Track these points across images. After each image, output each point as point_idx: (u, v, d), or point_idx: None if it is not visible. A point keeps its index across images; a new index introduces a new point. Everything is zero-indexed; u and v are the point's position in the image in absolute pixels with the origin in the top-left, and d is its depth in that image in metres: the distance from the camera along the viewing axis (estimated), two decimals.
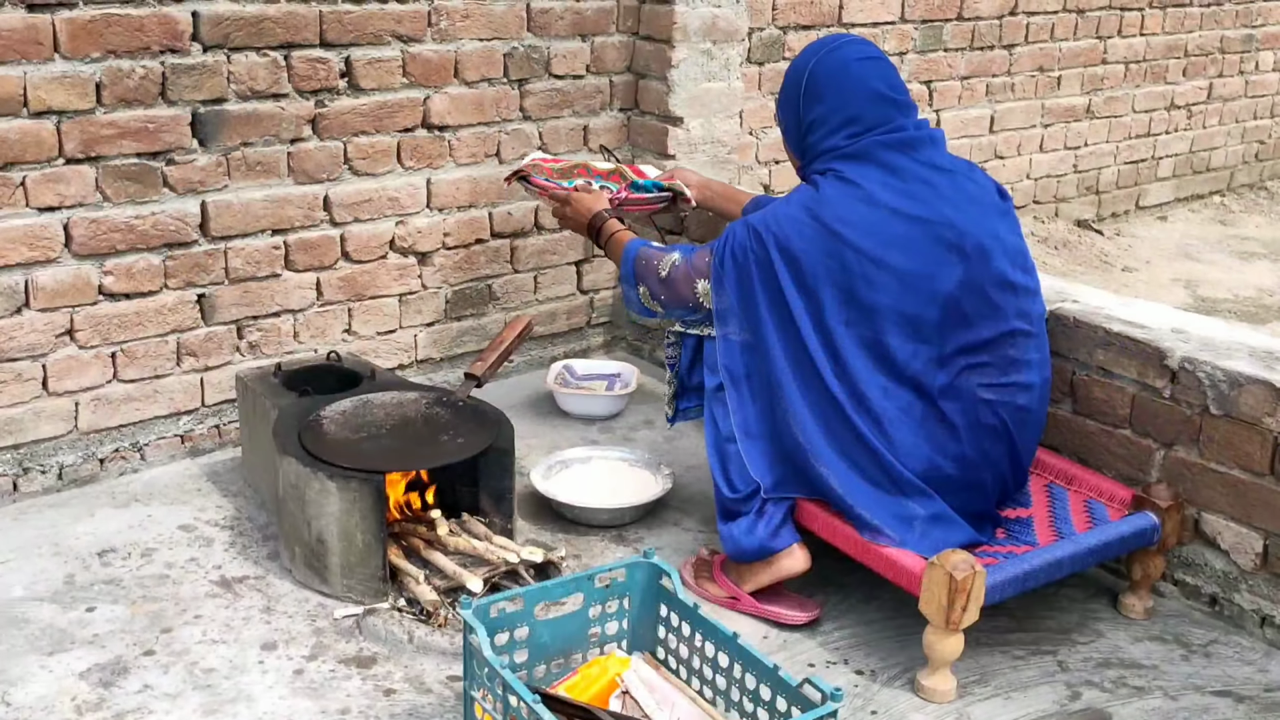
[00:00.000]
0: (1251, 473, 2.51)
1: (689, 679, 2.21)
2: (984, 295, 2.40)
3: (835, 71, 2.51)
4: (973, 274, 2.39)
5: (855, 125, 2.48)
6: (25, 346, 2.85)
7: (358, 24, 3.15)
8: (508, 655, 2.16)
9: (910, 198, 2.41)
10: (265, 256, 3.16)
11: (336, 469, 2.51)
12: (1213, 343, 2.62)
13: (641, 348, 3.94)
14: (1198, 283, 5.40)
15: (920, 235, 2.38)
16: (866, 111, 2.48)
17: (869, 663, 2.43)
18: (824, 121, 2.50)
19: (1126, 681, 2.40)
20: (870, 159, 2.45)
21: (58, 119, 2.77)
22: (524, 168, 3.18)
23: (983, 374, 2.42)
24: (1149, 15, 5.70)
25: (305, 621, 2.49)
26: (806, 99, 2.53)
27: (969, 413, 2.41)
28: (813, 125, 2.52)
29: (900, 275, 2.36)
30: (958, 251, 2.39)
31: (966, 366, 2.41)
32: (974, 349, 2.41)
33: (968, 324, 2.40)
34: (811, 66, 2.53)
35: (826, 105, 2.50)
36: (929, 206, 2.41)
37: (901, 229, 2.38)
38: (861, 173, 2.44)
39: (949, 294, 2.37)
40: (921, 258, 2.37)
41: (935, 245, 2.38)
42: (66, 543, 2.75)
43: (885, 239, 2.37)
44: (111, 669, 2.31)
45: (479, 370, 2.89)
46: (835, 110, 2.49)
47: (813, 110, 2.52)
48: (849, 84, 2.50)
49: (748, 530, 2.51)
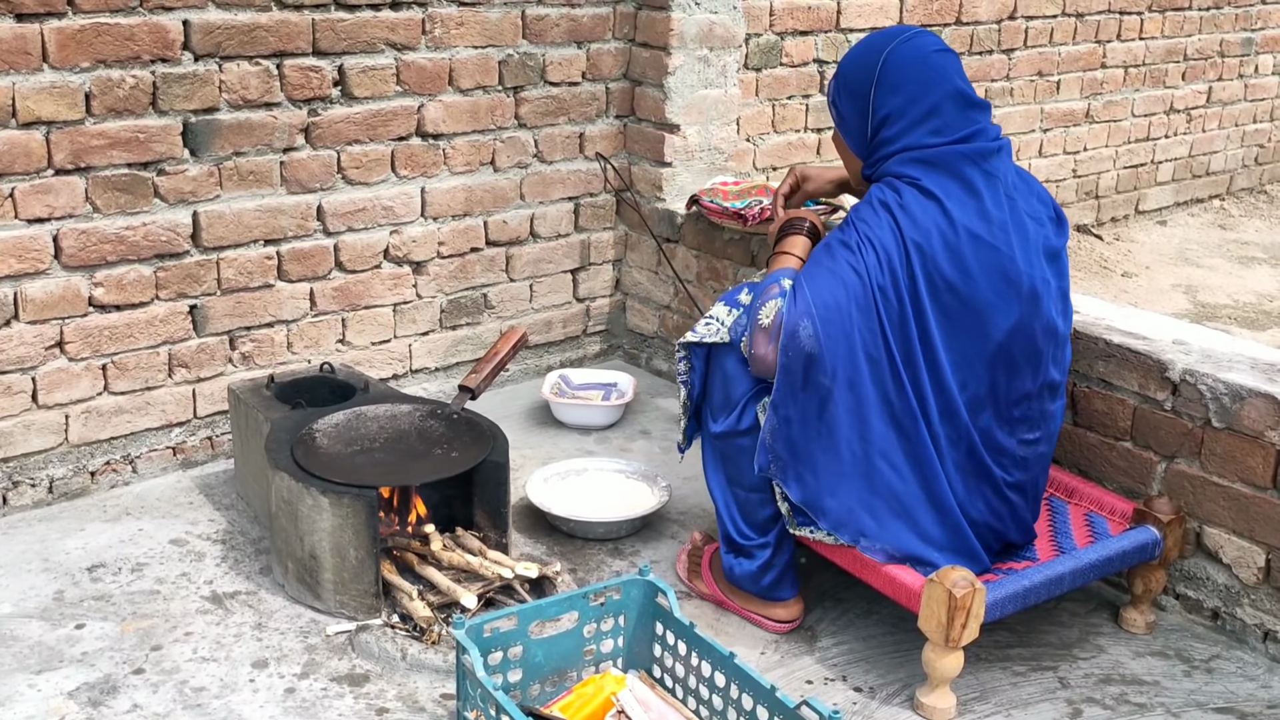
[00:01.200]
0: (1254, 486, 2.48)
1: (685, 698, 2.19)
2: (1032, 342, 2.33)
3: (913, 61, 2.35)
4: (1025, 317, 2.30)
5: (936, 119, 2.33)
6: (14, 359, 2.82)
7: (351, 32, 3.12)
8: (501, 675, 2.13)
9: (986, 222, 2.29)
10: (258, 267, 3.13)
11: (329, 484, 2.48)
12: (1214, 354, 2.60)
13: (638, 356, 3.92)
14: (1197, 288, 5.37)
15: (990, 267, 2.27)
16: (946, 106, 2.34)
17: (868, 679, 2.40)
18: (902, 114, 2.35)
19: (1128, 698, 2.37)
20: (950, 170, 2.31)
21: (47, 129, 2.74)
22: (699, 192, 3.47)
23: (1015, 429, 2.36)
24: (1148, 19, 5.68)
25: (297, 638, 2.46)
26: (881, 89, 2.36)
27: (996, 469, 2.35)
28: (889, 118, 2.36)
29: (967, 304, 2.26)
30: (1016, 291, 2.29)
31: (1004, 420, 2.34)
32: (1014, 401, 2.34)
33: (1013, 371, 2.32)
34: (887, 55, 2.36)
35: (904, 96, 2.34)
36: (1001, 236, 2.29)
37: (975, 256, 2.27)
38: (942, 186, 2.29)
39: (1004, 335, 2.28)
40: (988, 291, 2.27)
41: (1001, 280, 2.28)
42: (56, 558, 2.72)
43: (960, 265, 2.26)
44: (100, 688, 2.29)
45: (473, 383, 2.86)
46: (914, 101, 2.34)
47: (889, 101, 2.36)
48: (929, 75, 2.35)
49: (751, 576, 2.50)
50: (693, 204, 3.55)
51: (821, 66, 4.41)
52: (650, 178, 3.73)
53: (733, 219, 3.36)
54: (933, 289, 2.27)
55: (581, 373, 3.65)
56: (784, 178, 2.81)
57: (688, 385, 2.54)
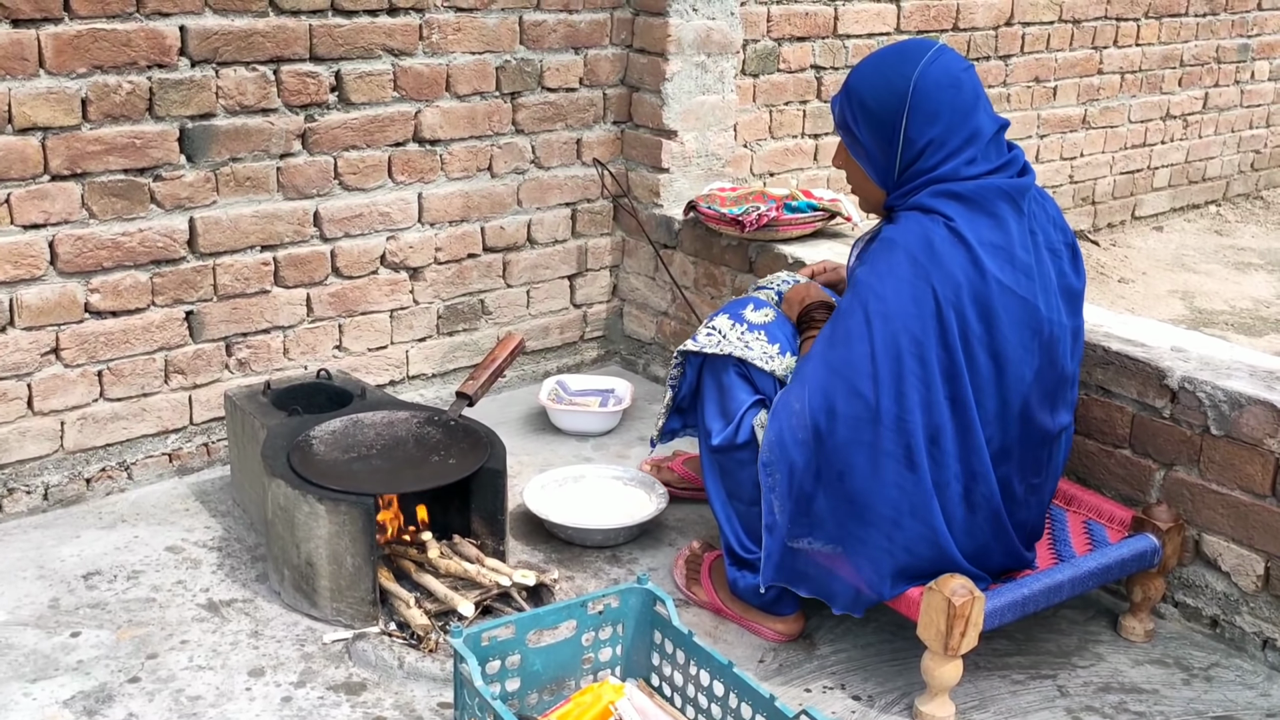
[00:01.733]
0: (1253, 494, 2.48)
1: (684, 707, 2.18)
2: (1048, 387, 2.29)
3: (947, 84, 2.21)
4: (1043, 365, 2.26)
5: (972, 148, 2.21)
6: (10, 365, 2.81)
7: (348, 38, 3.11)
8: (499, 684, 2.12)
9: (1014, 269, 2.19)
10: (254, 273, 3.12)
11: (326, 491, 2.47)
12: (1213, 362, 2.60)
13: (635, 362, 3.91)
14: (1194, 294, 5.37)
15: (1017, 319, 2.20)
16: (983, 134, 2.22)
17: (866, 688, 2.39)
18: (942, 144, 2.21)
19: (1127, 707, 2.37)
20: (985, 208, 2.20)
21: (43, 135, 2.73)
22: (696, 198, 3.48)
23: (1026, 475, 2.33)
24: (1144, 25, 5.68)
25: (294, 646, 2.45)
26: (916, 118, 2.20)
27: (1006, 506, 2.32)
28: (929, 149, 2.22)
29: (995, 357, 2.20)
30: (1038, 339, 2.23)
31: (1023, 467, 2.31)
32: (1034, 446, 2.31)
33: (1031, 419, 2.27)
34: (917, 79, 2.20)
35: (943, 125, 2.20)
36: (1026, 284, 2.21)
37: (1004, 308, 2.18)
38: (973, 226, 2.18)
39: (1028, 386, 2.24)
40: (1016, 344, 2.20)
41: (1027, 330, 2.21)
42: (51, 565, 2.71)
43: (988, 318, 2.18)
44: (96, 697, 2.27)
45: (470, 389, 2.85)
46: (953, 130, 2.21)
47: (927, 132, 2.21)
48: (964, 100, 2.21)
49: (756, 590, 2.47)
50: (690, 210, 3.54)
51: (819, 72, 4.41)
52: (648, 183, 3.72)
53: (730, 225, 3.35)
54: (966, 347, 2.18)
55: (579, 379, 3.65)
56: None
57: (675, 389, 2.57)
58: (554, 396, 3.53)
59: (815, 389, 2.24)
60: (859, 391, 2.19)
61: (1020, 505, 2.36)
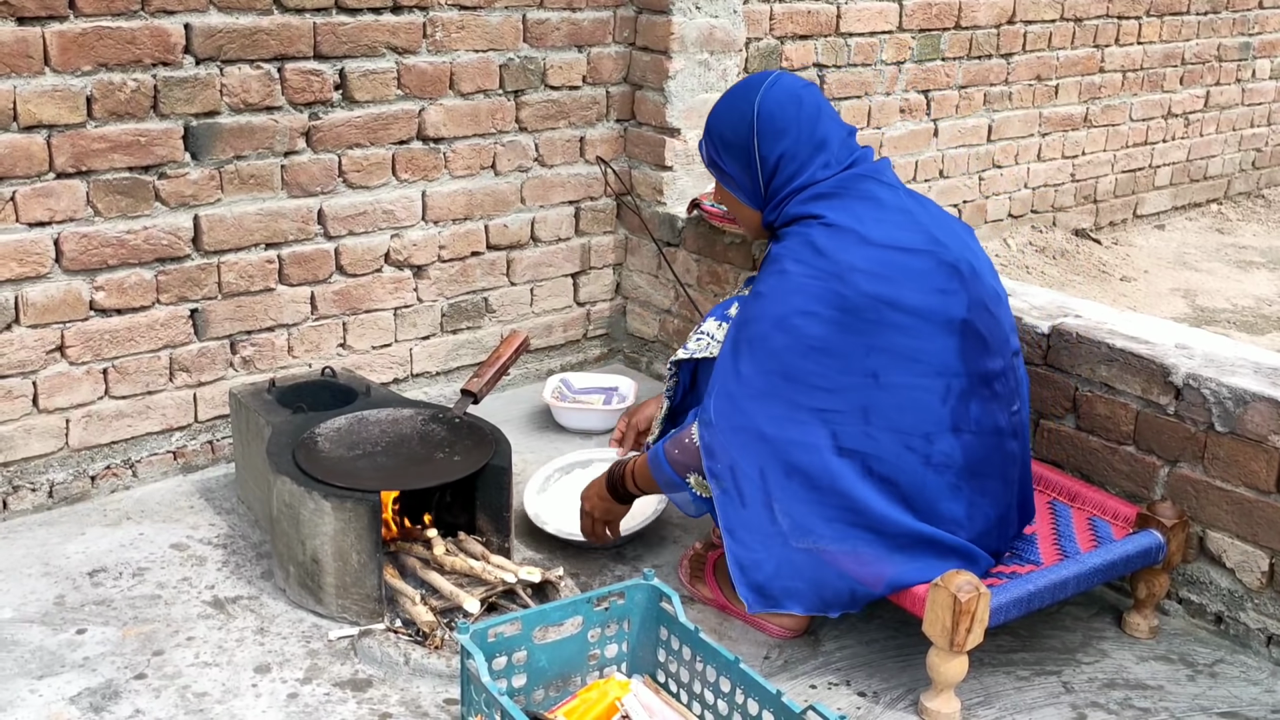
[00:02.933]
0: (1257, 491, 2.48)
1: (690, 703, 2.18)
2: (989, 313, 2.33)
3: (788, 101, 2.38)
4: (973, 294, 2.31)
5: (824, 153, 2.37)
6: (15, 363, 2.82)
7: (352, 36, 3.12)
8: (505, 680, 2.12)
9: (900, 228, 2.30)
10: (259, 271, 3.12)
11: (331, 488, 2.47)
12: (1217, 359, 2.60)
13: (638, 360, 3.91)
14: (1196, 292, 5.38)
15: (923, 265, 2.28)
16: (831, 139, 2.38)
17: (871, 684, 2.40)
18: (793, 155, 2.37)
19: (1132, 703, 2.37)
20: (849, 194, 2.34)
21: (48, 133, 2.73)
22: (700, 196, 3.49)
23: (999, 402, 2.35)
24: (1146, 24, 5.68)
25: (299, 643, 2.45)
26: (765, 137, 2.38)
27: (998, 447, 2.34)
28: (780, 163, 2.38)
29: (917, 310, 2.25)
30: (956, 274, 2.30)
31: (990, 396, 2.33)
32: (993, 376, 2.33)
33: (985, 347, 2.31)
34: (759, 103, 2.38)
35: (790, 138, 2.37)
36: (919, 233, 2.31)
37: (905, 263, 2.27)
38: (850, 212, 2.31)
39: (963, 319, 2.28)
40: (931, 287, 2.27)
41: (938, 271, 2.28)
42: (57, 562, 2.71)
43: (894, 276, 2.26)
44: (102, 693, 2.28)
45: (475, 387, 2.85)
46: (801, 141, 2.37)
47: (776, 147, 2.37)
48: (806, 112, 2.38)
49: None
50: (694, 208, 3.55)
51: (821, 71, 4.41)
52: (651, 182, 3.72)
53: (733, 223, 3.35)
54: (879, 315, 2.23)
55: (583, 377, 3.65)
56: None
57: (670, 399, 2.61)
58: (558, 395, 3.53)
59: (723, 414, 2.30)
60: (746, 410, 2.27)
61: (1013, 435, 2.37)
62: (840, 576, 2.30)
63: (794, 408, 2.24)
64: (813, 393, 2.24)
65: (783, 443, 2.25)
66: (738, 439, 2.27)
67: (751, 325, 2.30)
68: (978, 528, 2.34)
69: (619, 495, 2.60)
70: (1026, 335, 2.80)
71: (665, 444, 2.44)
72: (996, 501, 2.36)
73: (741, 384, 2.28)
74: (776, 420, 2.25)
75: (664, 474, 2.44)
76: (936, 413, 2.26)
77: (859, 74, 4.55)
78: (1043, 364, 2.80)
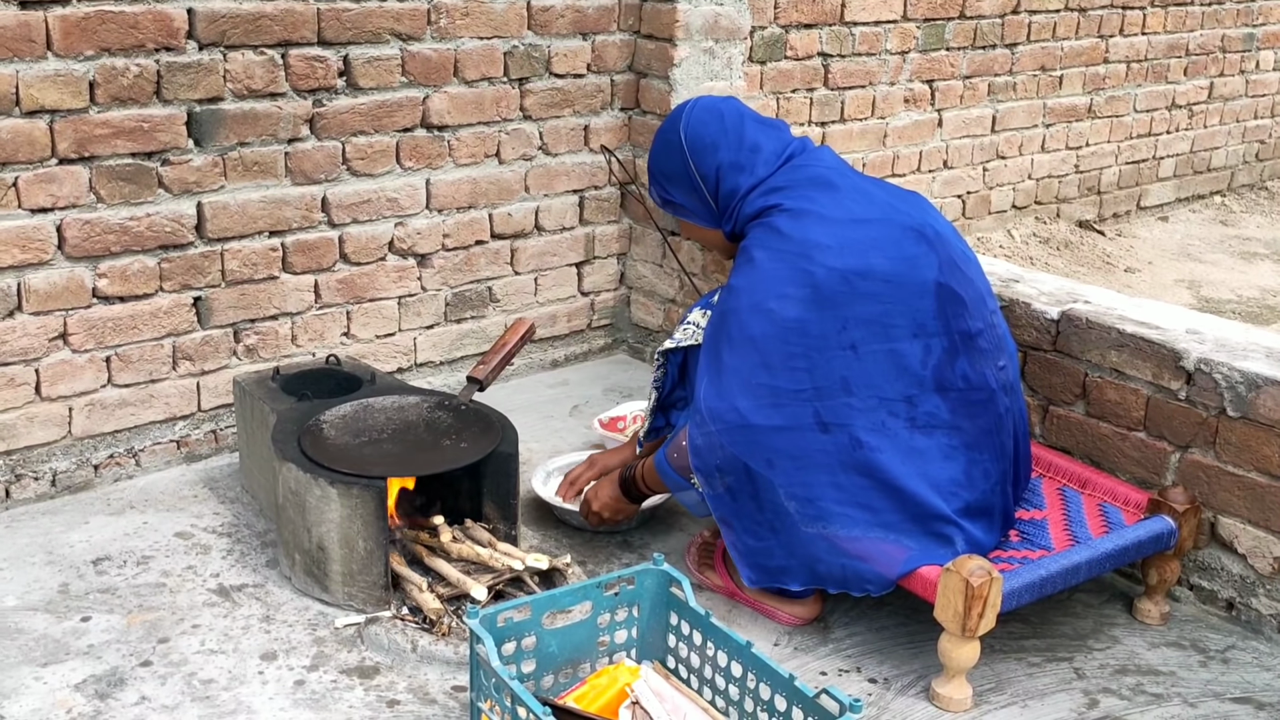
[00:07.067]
0: (1269, 476, 2.47)
1: (700, 689, 2.16)
2: (961, 272, 2.36)
3: (710, 117, 2.48)
4: (942, 255, 2.34)
5: (760, 154, 2.44)
6: (18, 351, 2.80)
7: (356, 22, 3.10)
8: (515, 665, 2.10)
9: (856, 203, 2.37)
10: (262, 258, 3.10)
11: (337, 475, 2.46)
12: (1229, 343, 2.58)
13: (642, 350, 3.90)
14: (1200, 283, 5.36)
15: (886, 233, 2.32)
16: (761, 140, 2.46)
17: (882, 670, 2.38)
18: (731, 163, 2.45)
19: (1144, 689, 2.36)
20: (800, 182, 2.40)
21: (50, 118, 2.71)
22: None
23: (985, 358, 2.37)
24: (1150, 14, 5.67)
25: (306, 631, 2.44)
26: (698, 155, 2.47)
27: (989, 403, 2.35)
28: (721, 173, 2.46)
29: (887, 277, 2.28)
30: (922, 238, 2.34)
31: (976, 354, 2.34)
32: (974, 334, 2.35)
33: (964, 307, 2.33)
34: (683, 128, 2.49)
35: (723, 148, 2.45)
36: (876, 206, 2.37)
37: (867, 233, 2.32)
38: (806, 197, 2.37)
39: (936, 280, 2.31)
40: (897, 254, 2.30)
41: (903, 237, 2.33)
42: (60, 551, 2.69)
43: (859, 248, 2.29)
44: (108, 680, 2.26)
45: (481, 374, 2.84)
46: (734, 148, 2.45)
47: (711, 160, 2.46)
48: (729, 121, 2.47)
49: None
50: None
51: (826, 60, 4.39)
52: None
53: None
54: (849, 291, 2.27)
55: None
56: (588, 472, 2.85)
57: (659, 389, 2.64)
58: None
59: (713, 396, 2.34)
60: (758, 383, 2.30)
61: (1005, 391, 2.38)
62: (831, 552, 2.33)
63: (776, 394, 2.28)
64: (794, 374, 2.27)
65: (766, 430, 2.28)
66: (726, 435, 2.31)
67: (730, 317, 2.34)
68: (980, 487, 2.34)
69: (632, 496, 2.66)
70: (1035, 321, 2.79)
71: (666, 449, 2.49)
72: (997, 457, 2.38)
73: (725, 378, 2.32)
74: (762, 409, 2.28)
75: (669, 478, 2.49)
76: (917, 375, 2.29)
77: (864, 63, 4.53)
78: (1052, 350, 2.78)
